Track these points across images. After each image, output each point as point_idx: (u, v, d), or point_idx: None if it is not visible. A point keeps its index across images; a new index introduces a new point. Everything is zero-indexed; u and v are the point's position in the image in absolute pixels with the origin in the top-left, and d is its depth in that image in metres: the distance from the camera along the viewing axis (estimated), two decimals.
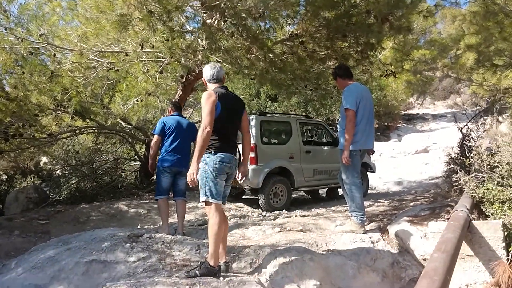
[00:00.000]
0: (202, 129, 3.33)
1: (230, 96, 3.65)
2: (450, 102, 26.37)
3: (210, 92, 3.48)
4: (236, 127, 3.73)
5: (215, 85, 3.65)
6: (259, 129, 7.37)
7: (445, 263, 2.33)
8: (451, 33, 19.09)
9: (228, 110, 3.54)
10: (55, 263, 3.85)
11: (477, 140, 6.51)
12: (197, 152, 3.34)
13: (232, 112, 3.61)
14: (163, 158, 5.33)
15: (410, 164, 14.64)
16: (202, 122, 3.38)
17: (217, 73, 3.66)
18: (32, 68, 7.34)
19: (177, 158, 5.31)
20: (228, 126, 3.60)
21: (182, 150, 5.37)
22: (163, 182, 5.36)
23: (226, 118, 3.52)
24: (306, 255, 3.78)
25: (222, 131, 3.51)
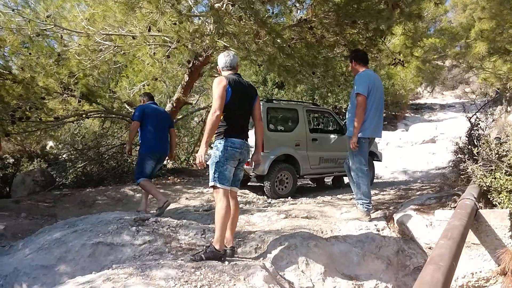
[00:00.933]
0: (211, 112, 3.38)
1: (242, 82, 3.66)
2: (458, 92, 26.13)
3: (221, 78, 3.52)
4: (248, 114, 3.75)
5: (228, 72, 3.67)
6: (265, 115, 7.34)
7: (451, 250, 2.30)
8: (462, 22, 18.87)
9: (239, 96, 3.55)
10: (61, 245, 3.88)
11: (485, 130, 6.42)
12: (206, 134, 3.39)
13: (243, 98, 3.62)
14: (149, 144, 5.47)
15: (417, 154, 14.54)
16: (212, 106, 3.41)
17: (230, 61, 3.69)
18: (39, 50, 7.32)
19: (159, 144, 5.51)
20: (239, 112, 3.61)
21: (163, 137, 5.58)
22: (147, 167, 5.48)
23: (237, 104, 3.54)
24: (311, 241, 3.77)
25: (233, 117, 3.54)
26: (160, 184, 8.53)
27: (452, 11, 27.44)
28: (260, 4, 5.45)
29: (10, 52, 7.63)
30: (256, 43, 5.79)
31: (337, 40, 7.33)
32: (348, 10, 6.38)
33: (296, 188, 7.69)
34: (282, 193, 7.34)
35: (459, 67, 18.89)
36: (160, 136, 5.54)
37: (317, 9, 6.49)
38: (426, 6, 9.14)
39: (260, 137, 3.86)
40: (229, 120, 3.52)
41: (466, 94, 23.18)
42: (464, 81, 23.68)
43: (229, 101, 3.45)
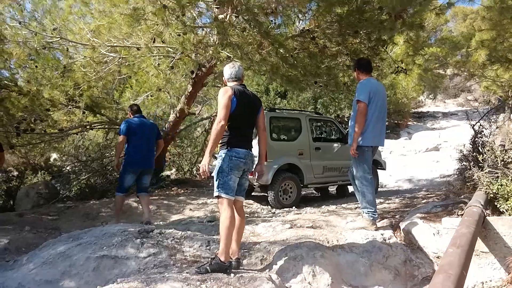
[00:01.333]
0: (216, 122, 3.39)
1: (247, 93, 3.68)
2: (461, 100, 26.15)
3: (227, 88, 3.54)
4: (252, 124, 3.76)
5: (233, 83, 3.69)
6: (268, 125, 7.33)
7: (460, 258, 2.28)
8: (462, 31, 18.95)
9: (244, 106, 3.56)
10: (66, 259, 3.85)
11: (490, 137, 6.41)
12: (210, 144, 3.41)
13: (248, 108, 3.63)
14: (129, 158, 5.65)
15: (420, 162, 14.49)
16: (217, 116, 3.43)
17: (235, 72, 3.71)
18: (45, 63, 7.39)
19: (142, 158, 5.65)
20: (244, 122, 3.63)
21: (146, 150, 5.70)
22: (126, 181, 5.68)
23: (241, 114, 3.55)
24: (317, 251, 3.73)
25: (238, 127, 3.55)
26: (163, 195, 8.52)
27: (453, 20, 27.65)
28: (264, 15, 5.50)
29: (16, 64, 7.72)
30: (259, 53, 5.83)
31: (339, 49, 7.36)
32: (351, 21, 6.42)
33: (300, 198, 7.65)
34: (286, 203, 7.30)
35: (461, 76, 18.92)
36: (142, 149, 5.65)
37: (319, 20, 6.54)
38: (427, 16, 9.16)
39: (263, 147, 3.88)
40: (234, 130, 3.53)
41: (469, 102, 23.21)
42: (466, 89, 23.72)
43: (234, 111, 3.46)
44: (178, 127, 10.08)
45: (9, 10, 6.92)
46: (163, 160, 10.46)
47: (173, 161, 12.07)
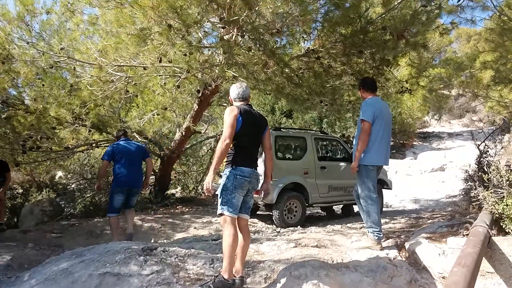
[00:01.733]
0: (221, 140, 3.42)
1: (252, 112, 3.73)
2: (466, 120, 26.11)
3: (233, 107, 3.60)
4: (257, 143, 3.79)
5: (240, 103, 3.75)
6: (274, 144, 7.37)
7: (465, 278, 2.25)
8: (467, 52, 19.07)
9: (250, 125, 3.61)
10: (68, 275, 3.83)
11: (495, 157, 6.38)
12: (214, 162, 3.43)
13: (253, 128, 3.68)
14: (116, 180, 5.98)
15: (426, 182, 14.40)
16: (222, 134, 3.47)
17: (242, 93, 3.77)
18: (52, 81, 7.51)
19: (128, 179, 5.96)
20: (249, 141, 3.66)
21: (133, 171, 6.00)
22: (115, 201, 5.96)
23: (247, 133, 3.59)
24: (322, 270, 3.69)
25: (243, 145, 3.59)
26: (168, 214, 8.50)
27: (457, 41, 27.86)
28: (269, 35, 5.58)
29: (23, 83, 7.84)
30: (264, 73, 5.89)
31: (344, 69, 7.43)
32: (355, 41, 6.49)
33: (305, 217, 7.59)
34: (291, 222, 7.24)
35: (465, 96, 18.94)
36: (128, 170, 5.95)
37: (324, 40, 6.62)
38: (431, 37, 9.26)
39: (269, 166, 3.91)
40: (239, 148, 3.56)
41: (474, 123, 23.16)
42: (471, 109, 23.71)
43: (239, 130, 3.51)
44: (183, 145, 10.13)
45: (17, 30, 7.07)
46: (168, 179, 10.48)
47: (179, 180, 12.07)
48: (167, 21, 4.82)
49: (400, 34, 6.43)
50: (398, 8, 6.60)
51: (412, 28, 6.51)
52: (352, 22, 6.39)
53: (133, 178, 6.01)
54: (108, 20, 6.30)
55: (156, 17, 4.65)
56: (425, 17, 6.50)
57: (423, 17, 6.48)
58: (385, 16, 6.69)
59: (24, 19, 6.90)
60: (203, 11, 5.00)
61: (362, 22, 6.45)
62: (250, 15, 5.01)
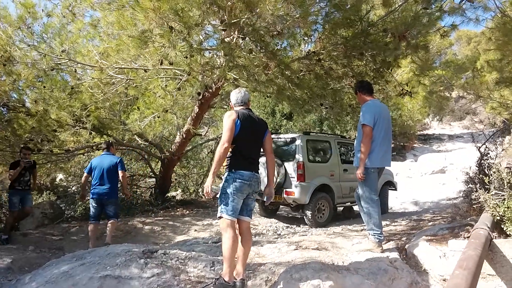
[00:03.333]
0: (220, 144, 3.47)
1: (252, 116, 3.75)
2: (466, 122, 26.11)
3: (231, 111, 3.66)
4: (258, 147, 3.81)
5: (240, 108, 3.79)
6: (305, 148, 7.82)
7: (467, 280, 2.24)
8: (467, 54, 19.07)
9: (249, 129, 3.63)
10: (69, 278, 3.82)
11: (495, 159, 6.37)
12: (214, 165, 3.48)
13: (252, 131, 3.70)
14: (92, 191, 6.49)
15: (426, 184, 14.39)
16: (221, 138, 3.52)
17: (241, 98, 3.82)
18: (53, 84, 7.51)
19: (98, 191, 6.42)
20: (249, 145, 3.68)
21: (105, 183, 6.44)
22: (91, 210, 6.48)
23: (246, 137, 3.61)
24: (322, 273, 3.67)
25: (242, 149, 3.61)
26: (169, 216, 8.49)
27: (457, 44, 27.92)
28: (270, 37, 5.58)
29: (24, 85, 7.83)
30: (265, 75, 5.89)
31: (345, 71, 7.42)
32: (356, 43, 6.48)
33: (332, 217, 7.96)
34: (320, 221, 7.63)
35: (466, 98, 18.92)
36: (99, 182, 6.44)
37: (325, 42, 6.61)
38: (432, 39, 9.26)
39: (272, 170, 3.93)
40: (238, 152, 3.59)
41: (474, 125, 23.15)
42: (471, 111, 23.71)
43: (238, 133, 3.54)
44: (184, 148, 10.12)
45: (18, 33, 7.09)
46: (169, 181, 10.48)
47: (179, 182, 12.06)
48: (168, 23, 4.82)
49: (401, 36, 6.42)
50: (399, 11, 6.59)
51: (413, 30, 6.50)
52: (353, 24, 6.38)
53: (102, 190, 6.41)
54: (110, 23, 6.32)
55: (157, 19, 4.65)
56: (426, 19, 6.49)
57: (424, 19, 6.47)
58: (386, 18, 6.69)
59: (25, 21, 6.91)
60: (204, 13, 5.00)
61: (363, 24, 6.44)
62: (251, 17, 5.02)
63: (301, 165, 7.57)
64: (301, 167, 7.57)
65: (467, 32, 26.38)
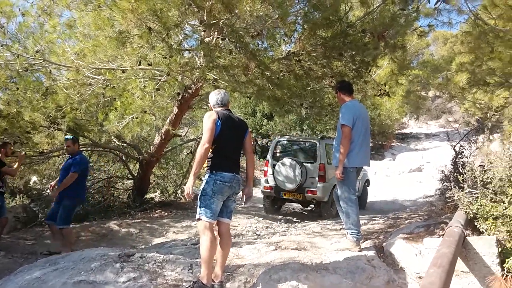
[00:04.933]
0: (201, 145, 3.43)
1: (232, 117, 3.74)
2: (442, 121, 26.69)
3: (211, 112, 3.63)
4: (238, 147, 3.79)
5: (219, 109, 3.76)
6: (324, 151, 8.79)
7: (441, 278, 2.28)
8: (443, 55, 19.45)
9: (229, 130, 3.61)
10: (41, 284, 3.72)
11: (470, 157, 6.51)
12: (194, 166, 3.45)
13: (233, 132, 3.68)
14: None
15: (404, 182, 14.66)
16: (202, 139, 3.48)
17: (221, 99, 3.79)
18: (27, 85, 7.29)
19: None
20: (229, 145, 3.65)
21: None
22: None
23: (226, 137, 3.59)
24: (301, 273, 3.69)
25: (223, 150, 3.58)
26: (147, 218, 8.38)
27: (434, 44, 28.46)
28: (250, 38, 5.56)
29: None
30: (245, 75, 5.88)
31: (324, 72, 7.48)
32: (335, 43, 6.54)
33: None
34: (334, 213, 8.31)
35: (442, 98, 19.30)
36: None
37: (305, 43, 6.64)
38: (409, 39, 9.44)
39: (251, 170, 3.94)
40: (219, 153, 3.56)
41: (450, 123, 23.68)
42: (447, 110, 24.26)
43: (218, 134, 3.51)
44: (163, 149, 10.01)
45: None
46: (147, 183, 10.35)
47: (158, 183, 11.91)
48: (147, 24, 4.75)
49: (380, 35, 6.51)
50: (377, 12, 6.68)
51: (391, 30, 6.59)
52: (332, 25, 6.43)
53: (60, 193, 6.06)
54: (86, 23, 6.18)
55: (136, 20, 4.57)
56: (403, 20, 6.61)
57: (402, 20, 6.58)
58: (365, 19, 6.77)
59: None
60: (183, 14, 4.94)
61: (342, 25, 6.51)
62: (230, 18, 4.98)
63: (323, 167, 8.61)
64: (322, 169, 8.62)
65: (443, 33, 26.88)
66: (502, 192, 3.78)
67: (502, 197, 3.73)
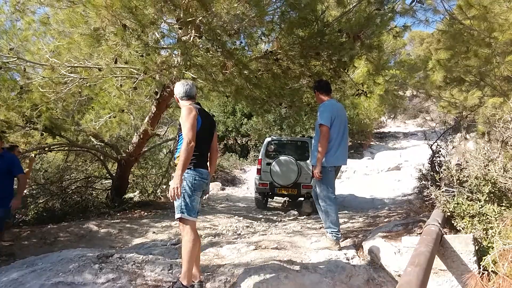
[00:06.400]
0: (186, 143, 3.21)
1: (205, 112, 3.69)
2: (420, 120, 27.21)
3: (190, 107, 3.43)
4: (209, 143, 3.72)
5: (187, 101, 3.61)
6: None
7: (418, 277, 2.31)
8: (420, 55, 19.84)
9: (206, 125, 3.55)
10: (19, 286, 3.65)
11: (446, 156, 6.66)
12: (180, 165, 3.21)
13: (209, 128, 3.63)
14: None
15: (383, 181, 14.86)
16: (185, 137, 3.26)
17: (189, 90, 3.63)
18: (1, 83, 7.13)
19: None
20: (205, 141, 3.60)
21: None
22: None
23: (204, 134, 3.52)
24: (281, 273, 3.71)
25: (201, 146, 3.47)
26: (126, 218, 8.27)
27: (410, 44, 29.00)
28: (227, 36, 5.55)
29: None
30: (223, 74, 5.86)
31: (302, 71, 7.53)
32: (312, 43, 6.59)
33: None
34: None
35: (419, 97, 19.70)
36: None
37: (282, 42, 6.67)
38: (386, 39, 9.60)
39: (214, 167, 3.84)
40: (197, 150, 3.40)
41: (427, 122, 24.17)
42: (424, 109, 24.77)
43: (198, 130, 3.38)
44: (142, 148, 9.90)
45: None
46: (126, 183, 10.22)
47: (137, 183, 11.77)
48: (122, 21, 4.68)
49: (356, 36, 6.59)
50: (353, 12, 6.76)
51: (367, 30, 6.68)
52: (309, 24, 6.48)
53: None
54: (60, 20, 6.05)
55: (110, 17, 4.51)
56: (379, 20, 6.70)
57: (377, 20, 6.67)
58: (341, 19, 6.84)
59: None
60: (158, 11, 4.89)
61: (318, 24, 6.56)
62: (207, 16, 4.97)
63: None
64: None
65: (419, 33, 27.40)
66: (478, 191, 3.86)
67: (478, 196, 3.81)
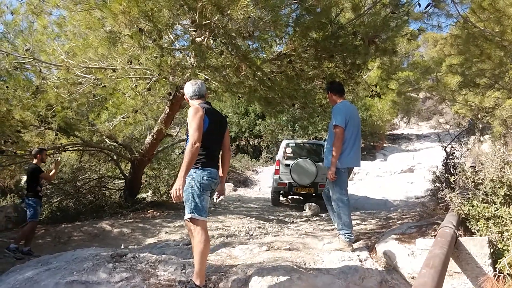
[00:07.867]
0: (191, 144, 3.22)
1: (215, 111, 3.65)
2: (433, 123, 26.93)
3: (197, 107, 3.41)
4: (220, 143, 3.68)
5: (198, 101, 3.60)
6: None
7: (433, 279, 2.30)
8: (433, 56, 19.63)
9: (215, 125, 3.52)
10: (33, 284, 3.70)
11: (461, 158, 6.57)
12: (184, 167, 3.22)
13: (218, 127, 3.60)
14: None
15: (396, 183, 14.73)
16: (190, 137, 3.27)
17: (198, 89, 3.62)
18: (16, 83, 7.26)
19: None
20: (214, 141, 3.57)
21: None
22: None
23: (213, 133, 3.48)
24: (294, 274, 3.70)
25: (209, 146, 3.45)
26: (139, 218, 8.35)
27: (424, 46, 28.72)
28: (241, 39, 5.56)
29: None
30: (237, 76, 5.87)
31: (315, 73, 7.51)
32: (326, 45, 6.56)
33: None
34: None
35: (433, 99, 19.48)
36: None
37: (296, 44, 6.66)
38: (400, 42, 9.55)
39: (227, 167, 3.80)
40: (205, 149, 3.38)
41: (440, 125, 23.91)
42: (438, 112, 24.51)
43: (206, 130, 3.36)
44: (155, 149, 9.98)
45: None
46: (139, 183, 10.31)
47: (150, 183, 11.87)
48: (138, 25, 4.72)
49: (370, 40, 6.55)
50: (367, 14, 6.72)
51: (382, 34, 6.64)
52: (323, 27, 6.45)
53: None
54: (76, 22, 6.13)
55: (127, 21, 4.54)
56: (394, 24, 6.65)
57: (392, 24, 6.62)
58: (355, 21, 6.81)
59: None
60: (174, 14, 4.92)
61: (333, 27, 6.53)
62: (222, 19, 4.99)
63: None
64: None
65: (433, 35, 27.11)
66: (493, 193, 3.82)
67: (494, 198, 3.77)
